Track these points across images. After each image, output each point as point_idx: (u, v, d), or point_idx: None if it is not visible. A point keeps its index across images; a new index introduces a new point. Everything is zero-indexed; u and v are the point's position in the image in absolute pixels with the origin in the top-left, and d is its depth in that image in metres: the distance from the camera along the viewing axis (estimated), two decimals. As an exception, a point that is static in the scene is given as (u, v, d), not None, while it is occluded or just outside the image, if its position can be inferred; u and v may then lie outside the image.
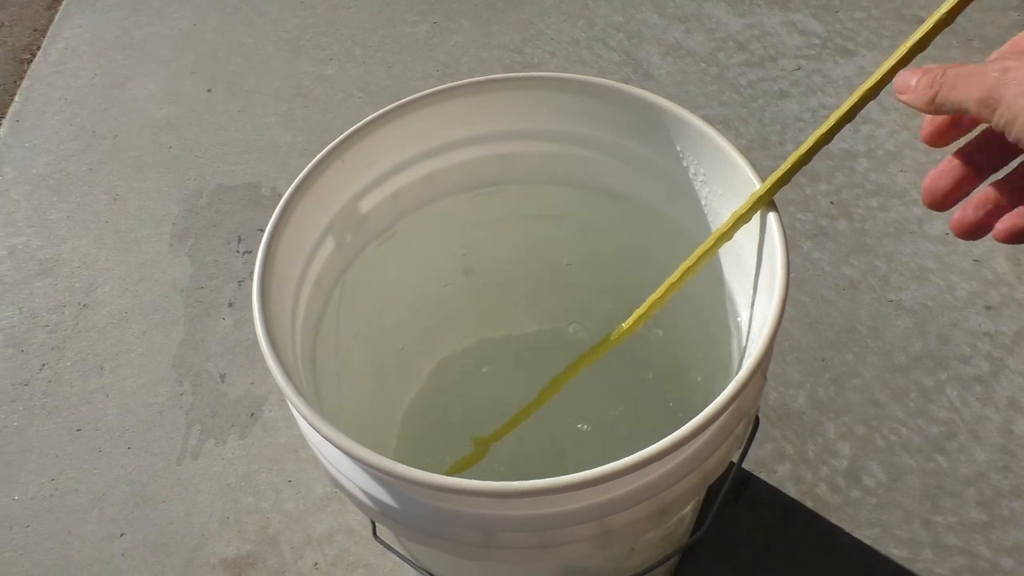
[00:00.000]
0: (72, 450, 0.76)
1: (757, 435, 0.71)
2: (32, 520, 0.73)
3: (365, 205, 0.52)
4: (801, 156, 0.41)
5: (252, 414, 0.77)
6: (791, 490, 0.69)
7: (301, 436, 0.75)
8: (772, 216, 0.42)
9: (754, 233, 0.44)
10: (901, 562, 0.65)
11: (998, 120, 0.28)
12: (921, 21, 1.03)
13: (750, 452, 0.70)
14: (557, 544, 0.39)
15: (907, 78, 0.32)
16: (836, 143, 0.91)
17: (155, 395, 0.79)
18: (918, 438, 0.71)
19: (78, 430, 0.78)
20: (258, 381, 0.79)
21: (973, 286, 0.79)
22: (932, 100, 0.30)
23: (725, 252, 0.47)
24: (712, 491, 0.46)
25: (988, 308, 0.78)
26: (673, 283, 0.46)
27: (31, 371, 0.82)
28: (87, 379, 0.81)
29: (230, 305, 0.85)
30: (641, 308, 0.48)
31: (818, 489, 0.69)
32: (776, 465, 0.70)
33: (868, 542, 0.66)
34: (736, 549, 0.66)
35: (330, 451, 0.41)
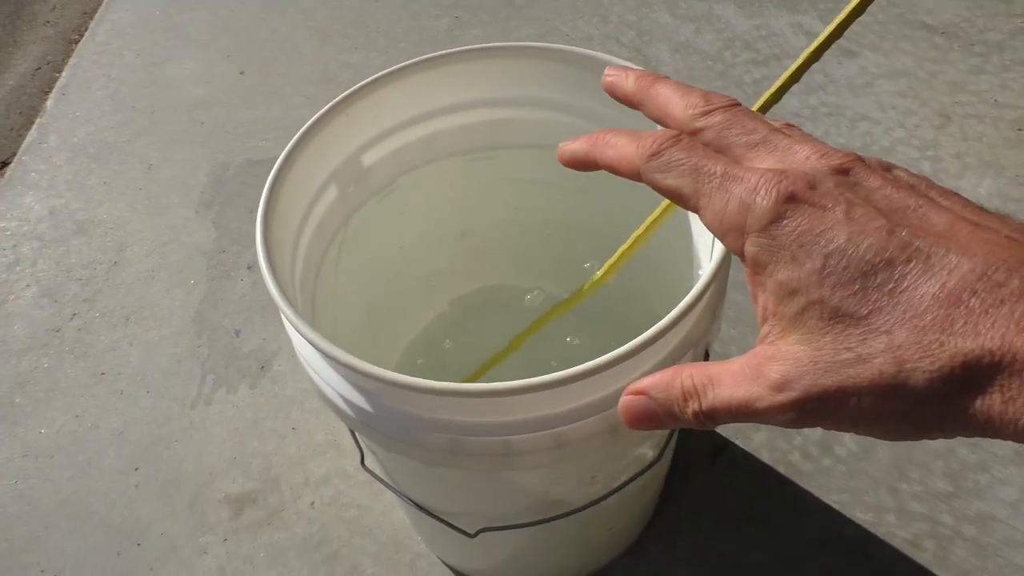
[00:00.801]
0: (96, 391, 0.82)
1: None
2: (56, 452, 0.78)
3: (368, 159, 0.57)
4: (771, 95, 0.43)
5: (262, 367, 0.82)
6: (765, 457, 0.72)
7: (306, 389, 0.80)
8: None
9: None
10: (866, 526, 0.68)
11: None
12: (926, 27, 1.08)
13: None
14: (517, 453, 0.43)
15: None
16: (833, 140, 0.94)
17: (175, 346, 0.85)
18: (891, 414, 0.74)
19: (102, 374, 0.83)
20: (270, 338, 0.85)
21: (956, 276, 0.82)
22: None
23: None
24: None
25: (969, 297, 0.81)
26: (639, 235, 0.50)
27: (63, 319, 0.88)
28: (113, 329, 0.87)
29: (248, 268, 0.90)
30: (609, 261, 0.52)
31: (791, 456, 0.72)
32: (752, 433, 0.74)
33: (836, 506, 0.69)
34: (708, 508, 0.70)
35: (316, 360, 0.45)
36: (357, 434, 0.53)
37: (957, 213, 0.24)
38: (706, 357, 0.47)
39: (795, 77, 0.36)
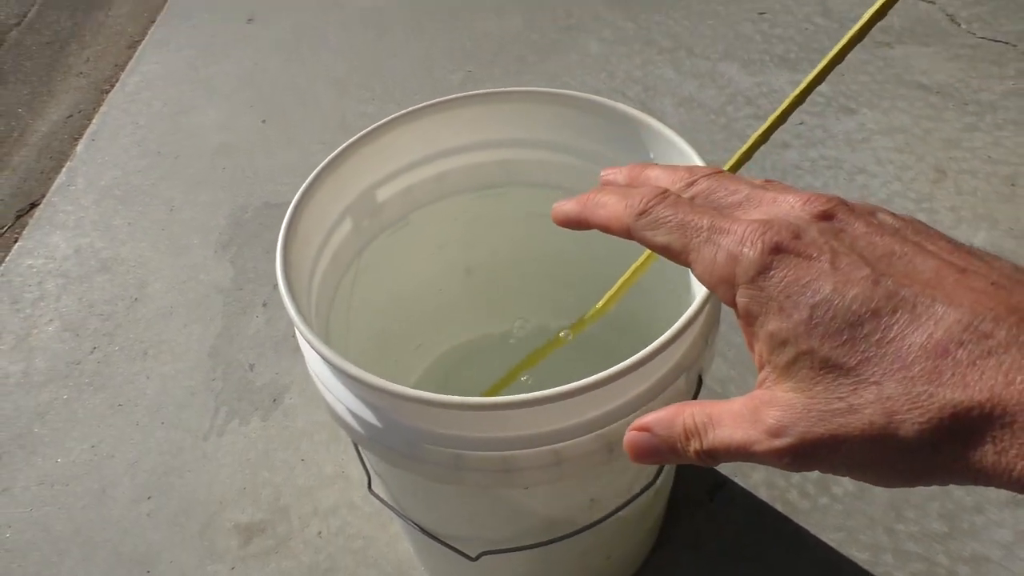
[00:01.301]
0: (112, 422, 0.85)
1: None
2: (71, 480, 0.81)
3: (381, 195, 0.61)
4: (742, 153, 0.47)
5: (275, 400, 0.85)
6: (763, 494, 0.74)
7: (317, 422, 0.82)
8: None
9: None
10: (863, 564, 0.69)
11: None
12: (922, 86, 1.12)
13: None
14: (518, 469, 0.45)
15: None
16: (832, 190, 0.98)
17: (190, 379, 0.87)
18: (887, 454, 0.75)
19: (120, 405, 0.86)
20: (283, 372, 0.87)
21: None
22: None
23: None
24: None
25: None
26: (638, 266, 0.53)
27: (83, 353, 0.91)
28: (132, 362, 0.90)
29: (264, 305, 0.94)
30: (610, 291, 0.54)
31: (789, 495, 0.73)
32: (751, 471, 0.75)
33: (833, 544, 0.70)
34: (707, 544, 0.71)
35: (326, 376, 0.48)
36: (363, 453, 0.55)
37: (944, 258, 0.24)
38: (699, 384, 0.50)
39: (764, 138, 0.39)
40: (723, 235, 0.26)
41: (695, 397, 0.52)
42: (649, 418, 0.30)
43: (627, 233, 0.31)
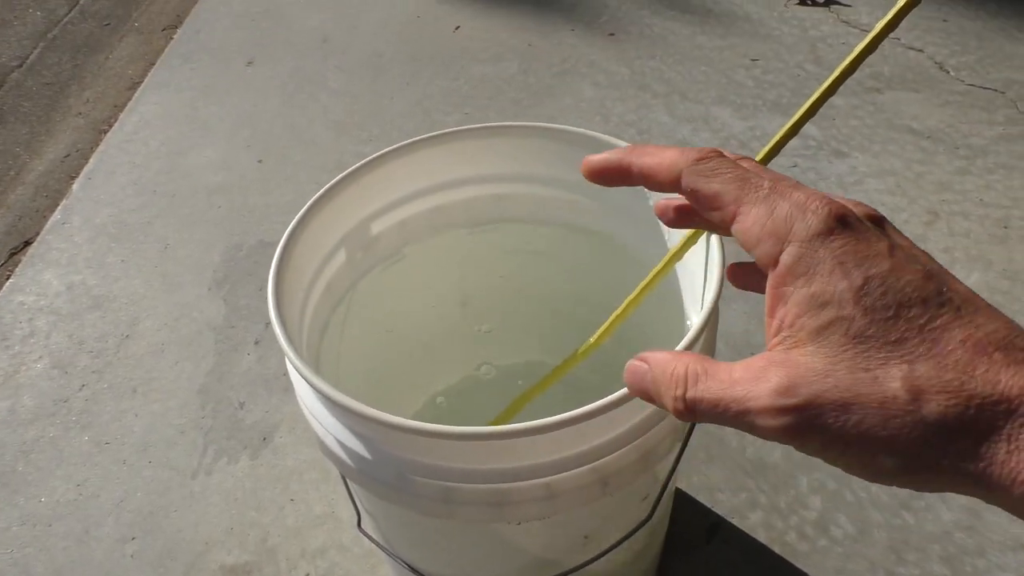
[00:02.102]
0: (99, 461, 0.83)
1: (731, 484, 0.76)
2: (54, 520, 0.79)
3: (376, 227, 0.60)
4: (775, 143, 0.45)
5: (264, 438, 0.83)
6: (761, 536, 0.72)
7: (307, 460, 0.81)
8: (714, 237, 0.49)
9: (702, 256, 0.51)
10: (863, 609, 0.67)
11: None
12: (912, 131, 1.14)
13: (725, 499, 0.74)
14: (509, 503, 0.44)
15: None
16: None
17: (179, 417, 0.86)
18: (886, 496, 0.74)
19: (106, 443, 0.85)
20: (273, 410, 0.86)
21: (948, 362, 0.84)
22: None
23: (681, 275, 0.54)
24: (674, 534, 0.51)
25: (961, 383, 0.82)
26: (632, 300, 0.53)
27: (72, 390, 0.90)
28: (120, 400, 0.88)
29: (256, 343, 0.93)
30: (603, 326, 0.54)
31: (787, 536, 0.72)
32: (749, 512, 0.74)
33: (832, 587, 0.69)
34: (704, 586, 0.70)
35: (315, 406, 0.47)
36: (353, 488, 0.54)
37: (970, 289, 0.25)
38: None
39: (794, 131, 0.38)
40: (783, 197, 0.26)
41: (690, 433, 0.51)
42: (653, 354, 0.30)
43: (674, 181, 0.30)
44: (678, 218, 0.36)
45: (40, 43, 1.54)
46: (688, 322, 0.55)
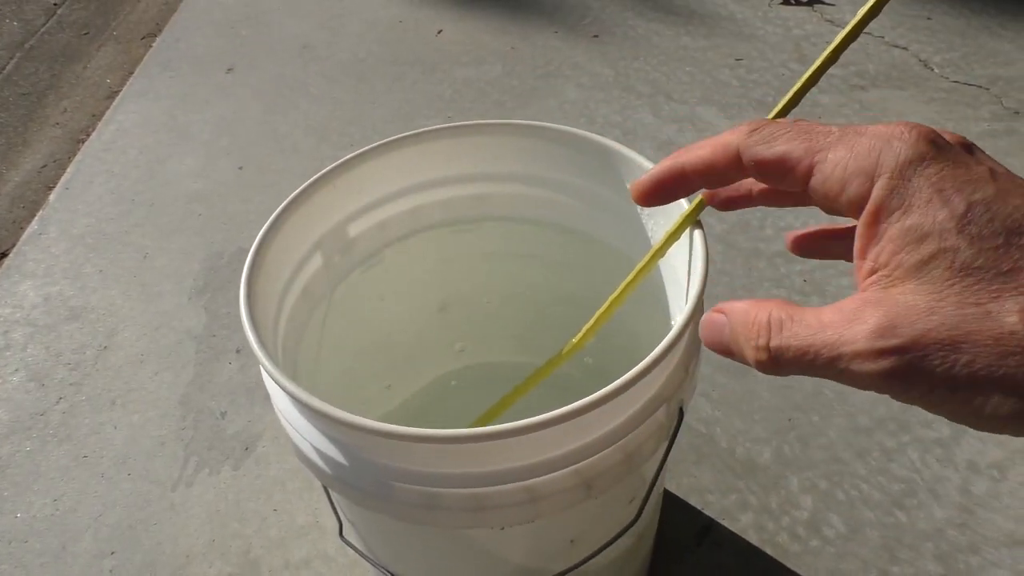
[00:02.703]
0: (76, 475, 0.81)
1: (721, 485, 0.75)
2: (30, 536, 0.77)
3: (353, 230, 0.59)
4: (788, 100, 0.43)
5: (246, 448, 0.82)
6: (752, 537, 0.71)
7: (290, 469, 0.79)
8: (697, 232, 0.48)
9: (686, 253, 0.50)
10: (857, 610, 0.66)
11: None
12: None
13: (715, 501, 0.73)
14: (491, 507, 0.43)
15: None
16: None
17: (159, 428, 0.84)
18: (878, 494, 0.73)
19: (84, 457, 0.83)
20: (255, 419, 0.84)
21: (937, 358, 0.83)
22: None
23: (665, 272, 0.53)
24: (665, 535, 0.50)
25: (951, 379, 0.81)
26: (615, 298, 0.51)
27: (48, 403, 0.88)
28: (99, 412, 0.87)
29: (237, 351, 0.91)
30: (586, 325, 0.53)
31: (779, 537, 0.71)
32: (739, 514, 0.73)
33: (825, 589, 0.67)
34: (695, 590, 0.68)
35: (292, 414, 0.46)
36: (333, 496, 0.52)
37: None
38: (680, 416, 0.48)
39: (812, 80, 0.36)
40: (862, 132, 0.24)
41: (676, 432, 0.50)
42: (732, 304, 0.27)
43: (734, 162, 0.28)
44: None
45: (17, 53, 1.52)
46: (672, 321, 0.54)
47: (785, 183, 0.27)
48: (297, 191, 0.53)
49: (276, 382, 0.41)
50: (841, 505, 0.72)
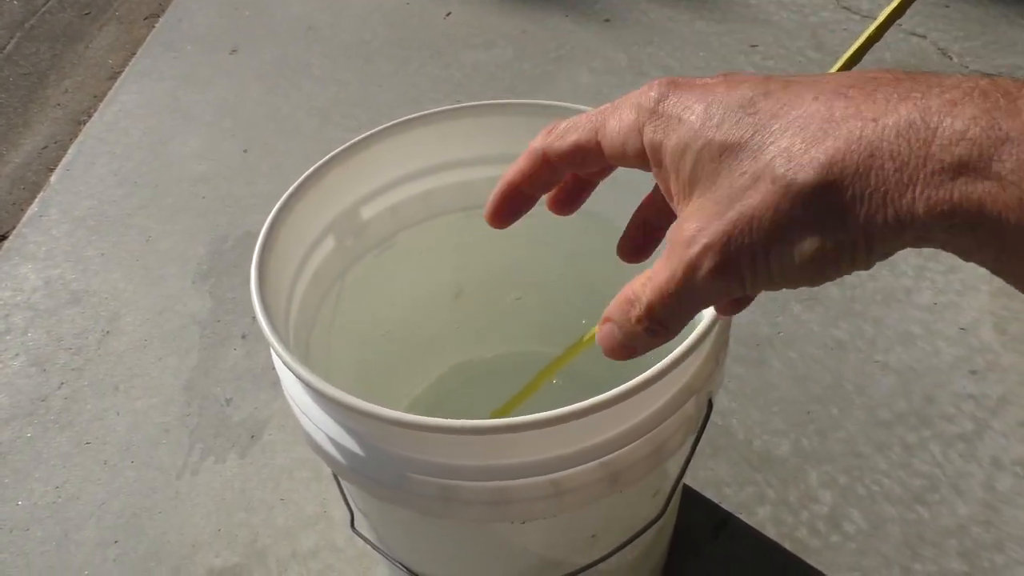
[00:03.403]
0: (79, 461, 0.80)
1: (738, 478, 0.73)
2: (32, 524, 0.75)
3: (366, 212, 0.57)
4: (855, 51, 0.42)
5: (252, 436, 0.80)
6: (771, 532, 0.69)
7: (297, 458, 0.78)
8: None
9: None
10: (879, 607, 0.65)
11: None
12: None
13: (732, 494, 0.72)
14: (513, 500, 0.41)
15: None
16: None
17: (163, 415, 0.83)
18: (900, 489, 0.71)
19: (87, 443, 0.81)
20: (261, 406, 0.83)
21: (959, 351, 0.81)
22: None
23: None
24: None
25: (973, 372, 0.80)
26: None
27: (50, 388, 0.86)
28: (102, 398, 0.85)
29: (243, 337, 0.89)
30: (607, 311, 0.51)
31: (798, 532, 0.69)
32: (757, 507, 0.71)
33: (845, 585, 0.66)
34: (713, 585, 0.67)
35: (305, 402, 0.44)
36: (345, 487, 0.50)
37: None
38: (709, 408, 0.46)
39: (876, 36, 0.36)
40: (625, 99, 0.27)
41: (705, 423, 0.48)
42: (607, 309, 0.29)
43: (544, 160, 0.31)
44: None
45: (17, 32, 1.50)
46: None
47: (589, 163, 0.30)
48: (309, 171, 0.51)
49: (290, 369, 0.40)
50: (862, 500, 0.71)
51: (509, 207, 0.35)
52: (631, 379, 0.37)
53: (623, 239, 0.37)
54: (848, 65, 0.36)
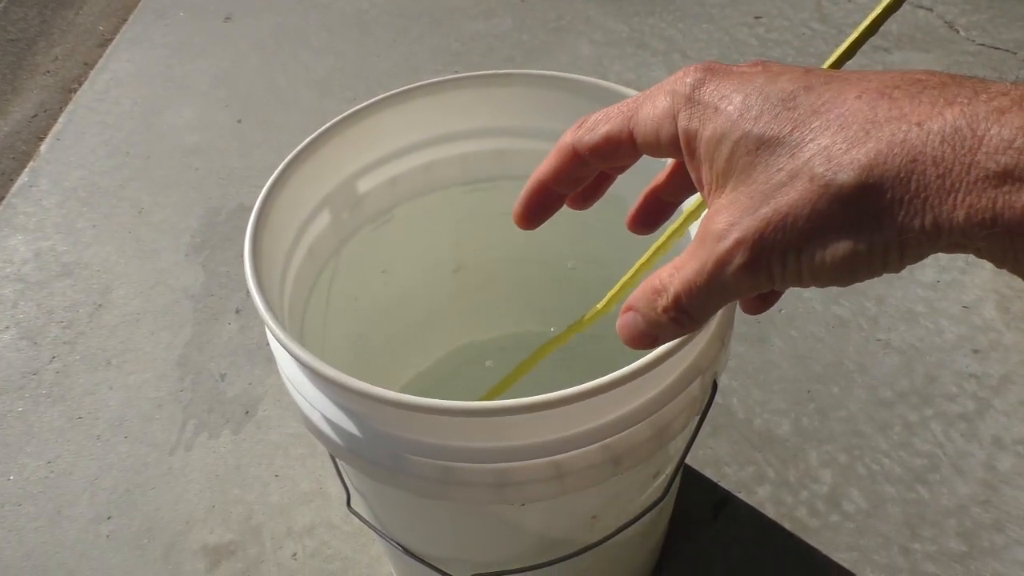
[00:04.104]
0: (71, 436, 0.79)
1: (738, 457, 0.72)
2: (24, 499, 0.74)
3: (363, 185, 0.56)
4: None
5: (247, 412, 0.79)
6: (770, 511, 0.69)
7: (292, 434, 0.77)
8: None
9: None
10: (878, 587, 0.64)
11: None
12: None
13: (731, 473, 0.71)
14: (513, 483, 0.40)
15: None
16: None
17: (157, 390, 0.82)
18: (900, 469, 0.71)
19: (79, 418, 0.80)
20: (256, 382, 0.82)
21: (961, 330, 0.81)
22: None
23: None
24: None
25: (976, 351, 0.79)
26: (643, 264, 0.48)
27: (41, 362, 0.85)
28: (94, 372, 0.84)
29: (237, 312, 0.88)
30: (612, 290, 0.50)
31: (797, 512, 0.69)
32: (756, 487, 0.70)
33: (845, 565, 0.65)
34: (711, 564, 0.66)
35: (299, 380, 0.43)
36: (342, 467, 0.50)
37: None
38: (714, 389, 0.45)
39: (871, 30, 0.34)
40: (659, 86, 0.27)
41: (709, 404, 0.47)
42: (632, 295, 0.29)
43: (575, 155, 0.30)
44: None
45: (6, -2, 1.47)
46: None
47: (621, 156, 0.29)
48: (305, 142, 0.50)
49: (285, 347, 0.38)
50: (862, 479, 0.70)
51: (539, 207, 0.35)
52: (634, 361, 0.36)
53: (636, 213, 0.37)
54: (841, 61, 0.34)
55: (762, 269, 0.23)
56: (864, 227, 0.21)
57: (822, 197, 0.21)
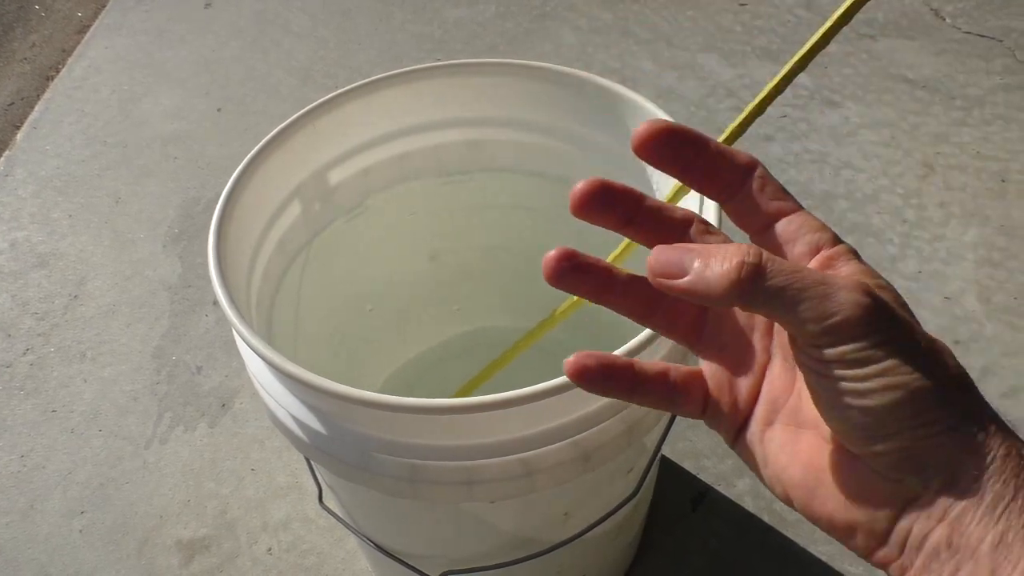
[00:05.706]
0: (45, 430, 0.78)
1: (717, 450, 0.72)
2: (-3, 493, 0.73)
3: (335, 176, 0.55)
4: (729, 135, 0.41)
5: (223, 405, 0.78)
6: (749, 504, 0.69)
7: (268, 427, 0.76)
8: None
9: (696, 205, 0.46)
10: (856, 580, 0.64)
11: None
12: (907, 80, 1.08)
13: (710, 466, 0.71)
14: (482, 481, 0.40)
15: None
16: (816, 186, 0.93)
17: (132, 383, 0.81)
18: (880, 462, 0.70)
19: (53, 411, 0.79)
20: (232, 375, 0.81)
21: (943, 321, 0.80)
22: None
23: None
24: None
25: (957, 343, 0.78)
26: (617, 255, 0.48)
27: (15, 354, 0.84)
28: (68, 364, 0.83)
29: (214, 303, 0.87)
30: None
31: (776, 504, 0.68)
32: (736, 480, 0.70)
33: (823, 558, 0.65)
34: (689, 557, 0.66)
35: (267, 379, 0.42)
36: (313, 464, 0.49)
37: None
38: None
39: (760, 109, 0.33)
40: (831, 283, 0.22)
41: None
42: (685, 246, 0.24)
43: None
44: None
45: (-17, -17, 1.44)
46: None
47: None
48: (273, 133, 0.49)
49: (249, 345, 0.37)
50: (841, 472, 0.70)
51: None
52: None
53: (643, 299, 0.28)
54: (737, 133, 0.31)
55: (882, 316, 0.22)
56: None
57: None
